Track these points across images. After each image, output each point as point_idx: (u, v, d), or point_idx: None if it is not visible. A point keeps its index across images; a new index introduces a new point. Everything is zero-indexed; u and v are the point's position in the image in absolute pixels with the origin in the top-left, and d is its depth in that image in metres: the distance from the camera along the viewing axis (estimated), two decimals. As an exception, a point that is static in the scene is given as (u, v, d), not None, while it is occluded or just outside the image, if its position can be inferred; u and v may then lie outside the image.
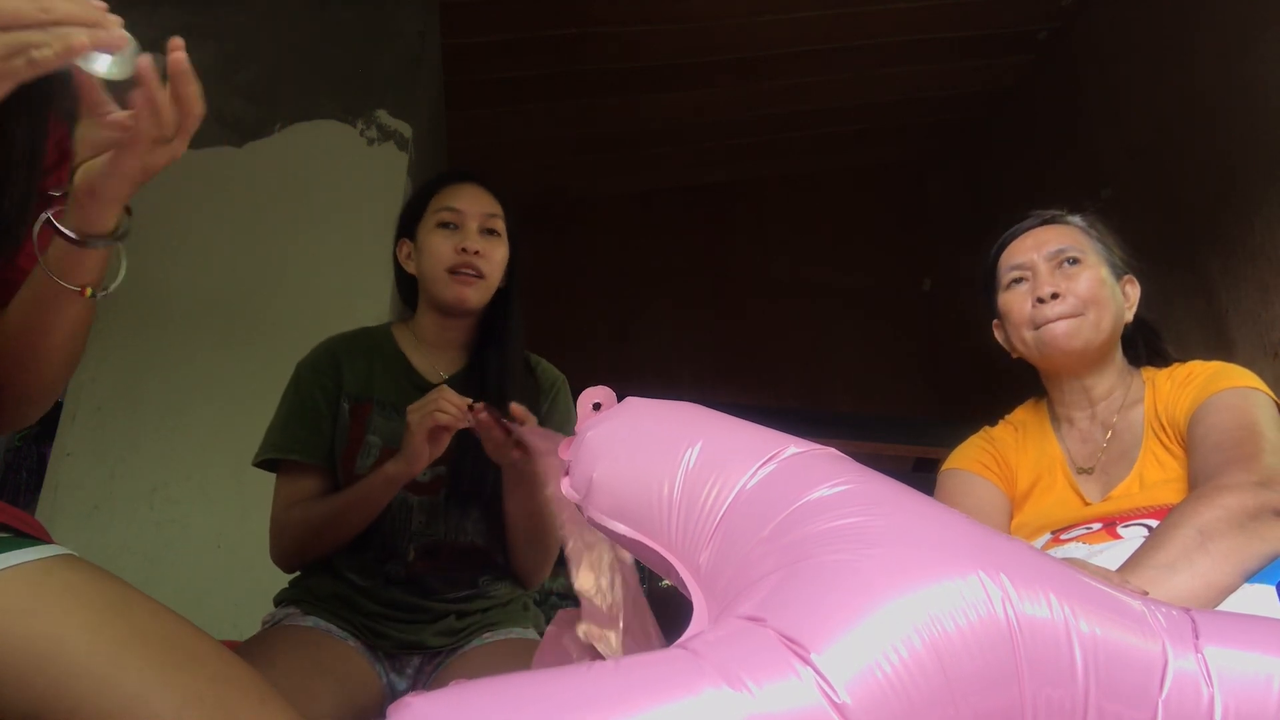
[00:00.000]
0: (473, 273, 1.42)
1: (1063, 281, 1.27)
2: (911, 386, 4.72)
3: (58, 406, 2.59)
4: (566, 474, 0.74)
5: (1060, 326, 1.26)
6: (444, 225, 1.45)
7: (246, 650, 1.21)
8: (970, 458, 1.38)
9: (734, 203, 4.99)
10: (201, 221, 2.61)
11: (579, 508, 0.73)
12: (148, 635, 0.74)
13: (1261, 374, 1.23)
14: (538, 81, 3.68)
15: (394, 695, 1.34)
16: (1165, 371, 1.30)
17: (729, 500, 0.62)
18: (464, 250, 1.42)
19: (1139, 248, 1.39)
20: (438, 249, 1.44)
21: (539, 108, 3.90)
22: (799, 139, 4.68)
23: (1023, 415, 1.43)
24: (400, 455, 1.28)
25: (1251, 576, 0.92)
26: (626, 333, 4.68)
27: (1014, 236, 1.37)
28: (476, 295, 1.44)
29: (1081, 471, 1.30)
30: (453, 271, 1.42)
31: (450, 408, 1.23)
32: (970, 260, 1.44)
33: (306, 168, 2.71)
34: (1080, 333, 1.26)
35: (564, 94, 3.82)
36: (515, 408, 1.24)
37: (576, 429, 0.77)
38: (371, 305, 2.52)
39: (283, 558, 1.40)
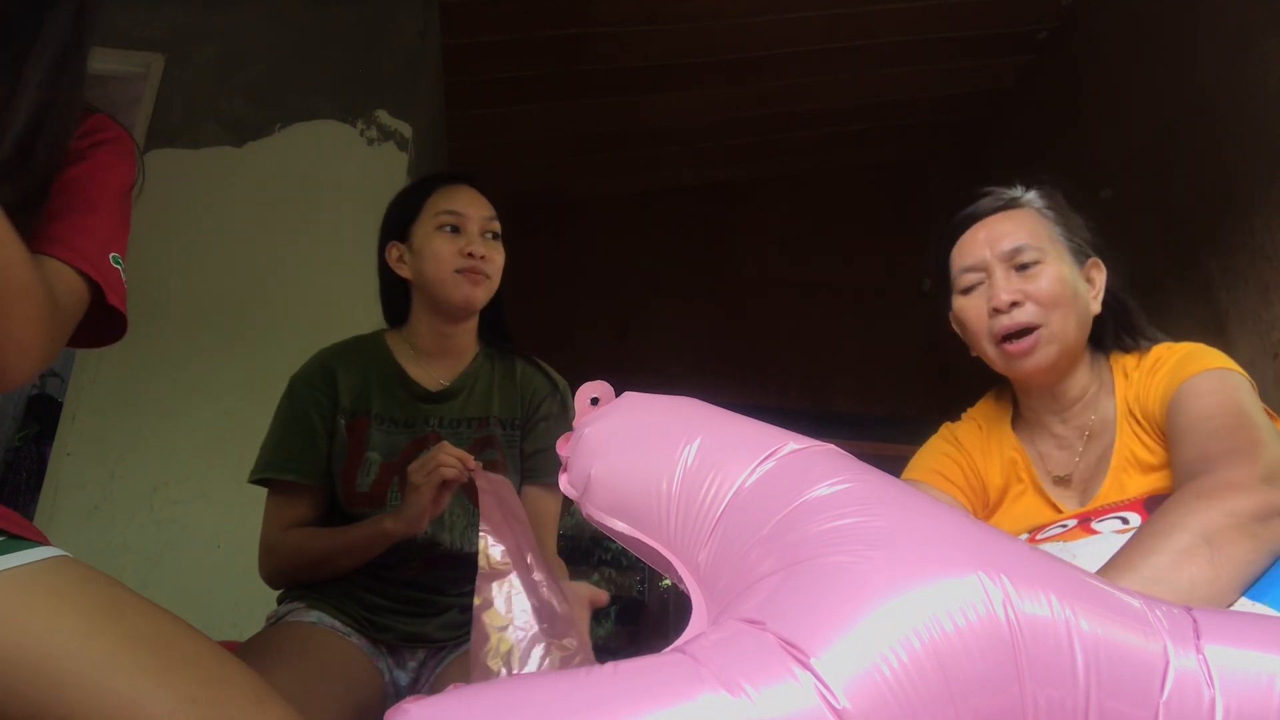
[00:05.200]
0: (479, 273, 1.41)
1: (1021, 285, 1.14)
2: (912, 386, 4.72)
3: (57, 406, 2.59)
4: (565, 470, 0.74)
5: (1029, 348, 1.14)
6: (445, 228, 1.42)
7: (249, 650, 1.21)
8: (931, 468, 1.26)
9: (734, 202, 5.00)
10: (201, 221, 2.62)
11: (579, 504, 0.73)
12: (140, 639, 0.74)
13: (1262, 374, 1.20)
14: (538, 81, 3.68)
15: (396, 691, 1.34)
16: (1133, 357, 1.18)
17: (728, 498, 0.62)
18: (470, 254, 1.40)
19: (1139, 248, 1.35)
20: (443, 252, 1.41)
21: (539, 108, 3.90)
22: (799, 139, 4.68)
23: (985, 410, 1.31)
24: (401, 513, 1.25)
25: (1250, 591, 0.83)
26: (626, 331, 4.68)
27: (964, 226, 1.23)
28: (484, 294, 1.43)
29: (1058, 482, 1.20)
30: (460, 272, 1.40)
31: (454, 462, 1.20)
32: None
33: (306, 168, 2.71)
34: (1048, 347, 1.14)
35: (564, 94, 3.83)
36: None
37: (574, 424, 0.76)
38: (371, 305, 2.51)
39: (272, 577, 1.40)
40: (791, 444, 0.64)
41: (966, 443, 1.27)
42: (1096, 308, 1.19)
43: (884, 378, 4.73)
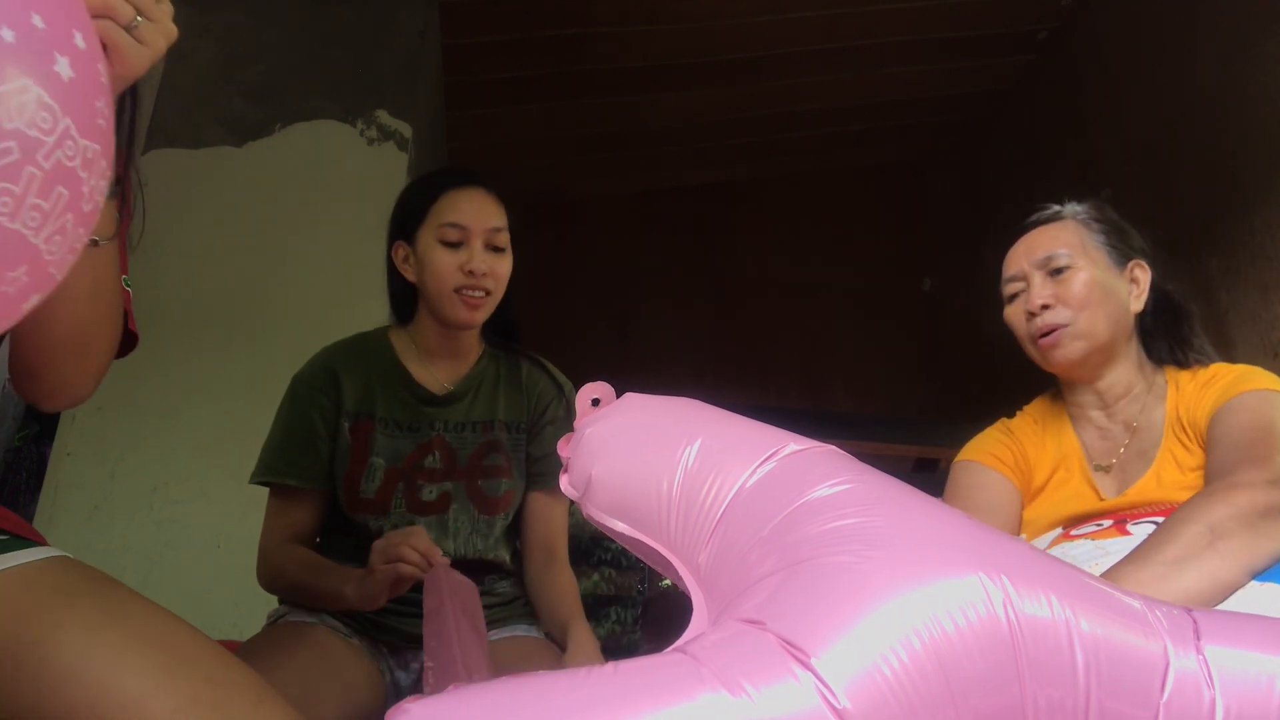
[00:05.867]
0: (480, 293, 1.37)
1: (1054, 290, 1.27)
2: (911, 386, 4.72)
3: (57, 406, 2.59)
4: (565, 471, 0.74)
5: (1054, 342, 1.26)
6: (447, 243, 1.38)
7: (250, 650, 1.21)
8: (985, 450, 1.36)
9: (734, 202, 5.00)
10: (201, 221, 2.61)
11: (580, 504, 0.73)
12: (144, 638, 0.74)
13: (1262, 375, 1.22)
14: (538, 81, 3.68)
15: (397, 692, 1.34)
16: (1189, 373, 1.28)
17: (728, 498, 0.62)
18: (471, 272, 1.36)
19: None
20: (443, 268, 1.37)
21: (539, 108, 3.90)
22: (799, 139, 4.68)
23: (1041, 407, 1.41)
24: (360, 588, 1.21)
25: (1259, 575, 0.92)
26: (626, 331, 4.68)
27: (1012, 241, 1.36)
28: (483, 314, 1.40)
29: (1099, 469, 1.29)
30: (459, 291, 1.36)
31: (415, 558, 1.15)
32: (969, 260, 1.43)
33: (306, 168, 2.71)
34: (1075, 342, 1.25)
35: (564, 94, 3.82)
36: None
37: (575, 424, 0.77)
38: (371, 305, 2.51)
39: (266, 585, 1.39)
40: (792, 445, 0.64)
41: (1019, 432, 1.38)
42: (1137, 306, 1.30)
43: (883, 378, 4.73)
